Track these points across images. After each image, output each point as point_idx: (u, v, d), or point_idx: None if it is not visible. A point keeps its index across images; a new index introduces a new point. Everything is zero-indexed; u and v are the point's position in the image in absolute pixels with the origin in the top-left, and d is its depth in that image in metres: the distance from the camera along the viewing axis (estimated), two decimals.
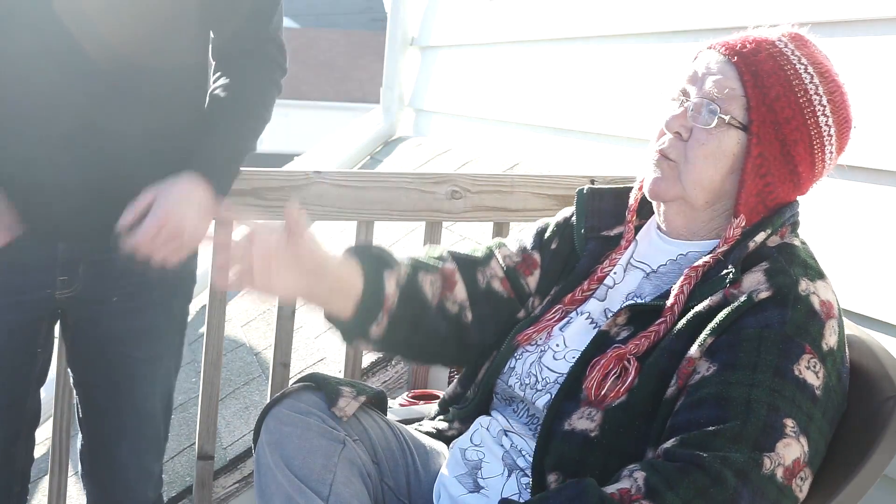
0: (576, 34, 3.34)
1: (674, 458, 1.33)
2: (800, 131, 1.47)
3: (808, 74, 1.48)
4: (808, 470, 1.36)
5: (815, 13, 2.14)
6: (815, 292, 1.42)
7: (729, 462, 1.30)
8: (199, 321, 4.05)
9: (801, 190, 1.52)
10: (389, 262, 1.64)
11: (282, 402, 1.62)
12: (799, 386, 1.35)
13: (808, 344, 1.37)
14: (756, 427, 1.32)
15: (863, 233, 1.96)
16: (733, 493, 1.29)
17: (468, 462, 1.59)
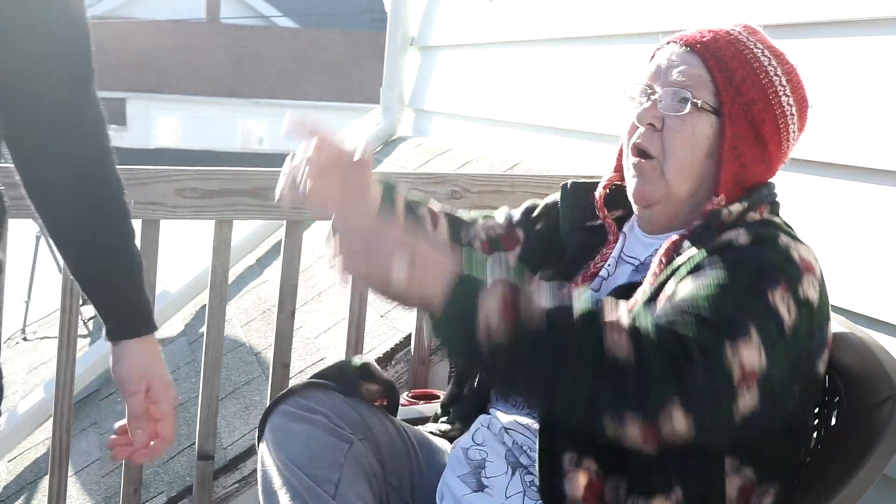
0: (576, 34, 3.34)
1: (658, 320, 1.34)
2: (767, 111, 1.50)
3: (765, 57, 1.52)
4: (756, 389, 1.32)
5: (815, 13, 2.14)
6: (795, 248, 1.43)
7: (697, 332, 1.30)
8: (199, 321, 4.05)
9: (771, 170, 1.55)
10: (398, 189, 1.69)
11: (287, 399, 1.62)
12: (769, 310, 1.35)
13: (784, 280, 1.37)
14: (725, 320, 1.32)
15: (862, 232, 1.96)
16: (688, 357, 1.28)
17: (471, 461, 1.58)
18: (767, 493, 1.45)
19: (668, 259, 1.48)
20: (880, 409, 1.46)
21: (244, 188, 2.18)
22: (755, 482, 1.43)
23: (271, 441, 1.57)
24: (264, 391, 2.80)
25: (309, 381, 1.65)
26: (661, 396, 1.27)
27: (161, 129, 22.81)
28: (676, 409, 1.27)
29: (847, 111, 2.01)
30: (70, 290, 2.16)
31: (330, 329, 3.19)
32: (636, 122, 1.55)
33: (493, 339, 1.28)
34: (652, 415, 1.27)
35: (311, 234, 4.24)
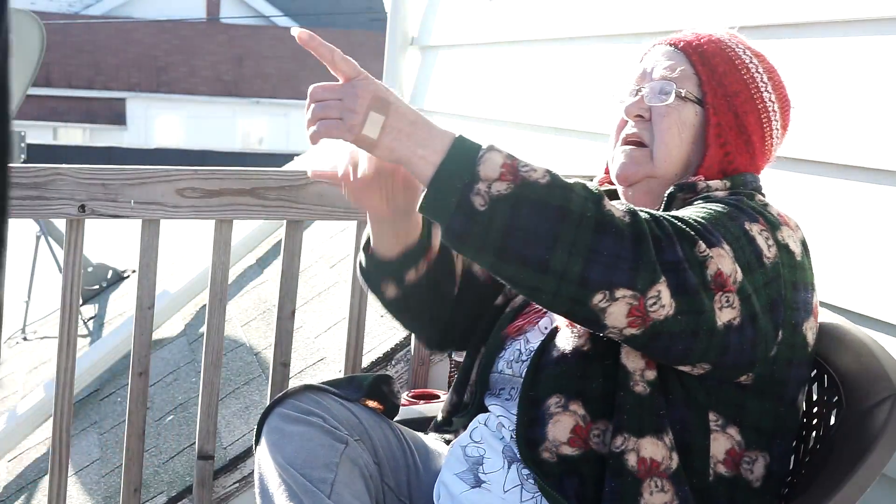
0: (576, 34, 3.35)
1: None
2: (748, 104, 1.57)
3: (746, 55, 1.60)
4: (737, 299, 1.36)
5: (815, 12, 2.14)
6: (772, 205, 1.49)
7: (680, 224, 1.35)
8: (199, 321, 4.05)
9: (756, 164, 1.60)
10: None
11: (283, 402, 1.63)
12: (746, 235, 1.41)
13: (762, 218, 1.44)
14: (698, 228, 1.37)
15: (862, 232, 1.96)
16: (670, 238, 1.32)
17: (469, 458, 1.59)
18: (757, 462, 1.45)
19: None
20: (879, 408, 1.46)
21: (244, 188, 2.18)
22: (743, 446, 1.45)
23: (267, 443, 1.59)
24: (264, 391, 2.80)
25: (305, 385, 1.67)
26: (653, 269, 1.30)
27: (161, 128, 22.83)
28: (663, 287, 1.30)
29: (847, 111, 2.01)
30: (70, 289, 2.16)
31: (330, 329, 3.19)
32: (624, 115, 1.61)
33: (493, 191, 1.27)
34: (642, 288, 1.29)
35: (311, 234, 4.24)
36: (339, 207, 2.23)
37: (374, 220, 1.62)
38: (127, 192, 2.14)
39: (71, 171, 2.12)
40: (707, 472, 1.43)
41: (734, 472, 1.43)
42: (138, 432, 2.25)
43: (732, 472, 1.43)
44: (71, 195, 2.12)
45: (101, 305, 5.18)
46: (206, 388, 2.25)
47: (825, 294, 1.99)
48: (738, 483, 1.44)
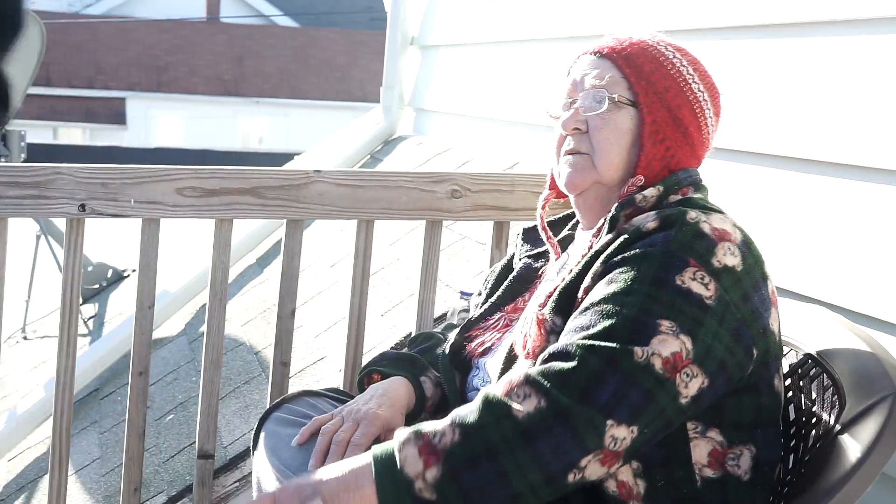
0: (576, 34, 3.34)
1: (550, 356, 1.39)
2: (680, 97, 1.60)
3: (668, 51, 1.63)
4: (698, 368, 1.37)
5: (815, 13, 2.14)
6: (706, 221, 1.46)
7: (596, 350, 1.35)
8: (199, 320, 4.05)
9: (696, 155, 1.63)
10: (423, 366, 1.76)
11: (280, 407, 1.66)
12: (680, 293, 1.39)
13: (692, 259, 1.41)
14: (625, 326, 1.37)
15: (862, 232, 1.96)
16: (595, 375, 1.33)
17: None
18: (742, 455, 1.45)
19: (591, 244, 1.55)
20: (879, 408, 1.46)
21: (244, 188, 2.18)
22: (726, 445, 1.44)
23: (265, 447, 1.60)
24: (264, 390, 2.81)
25: (300, 391, 1.71)
26: (593, 425, 1.31)
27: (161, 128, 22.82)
28: (614, 429, 1.32)
29: (846, 111, 2.01)
30: (70, 288, 2.16)
31: (330, 328, 3.19)
32: (562, 131, 1.64)
33: (430, 480, 1.31)
34: (595, 445, 1.31)
35: (311, 234, 4.24)
36: (339, 207, 2.24)
37: None
38: (127, 191, 2.14)
39: (71, 171, 2.12)
40: (693, 479, 1.43)
41: (721, 472, 1.43)
42: (138, 432, 2.25)
43: (719, 472, 1.43)
44: (71, 194, 2.12)
45: (101, 305, 5.18)
46: (206, 388, 2.25)
47: (826, 294, 1.99)
48: (727, 482, 1.43)
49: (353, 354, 2.30)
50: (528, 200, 2.30)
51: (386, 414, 1.63)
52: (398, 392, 1.69)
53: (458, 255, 3.18)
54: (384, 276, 3.34)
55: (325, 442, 1.57)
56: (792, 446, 1.59)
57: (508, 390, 1.35)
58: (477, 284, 1.91)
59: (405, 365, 1.76)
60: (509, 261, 1.84)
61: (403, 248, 3.51)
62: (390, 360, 1.78)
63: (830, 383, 1.56)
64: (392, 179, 2.27)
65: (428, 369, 1.76)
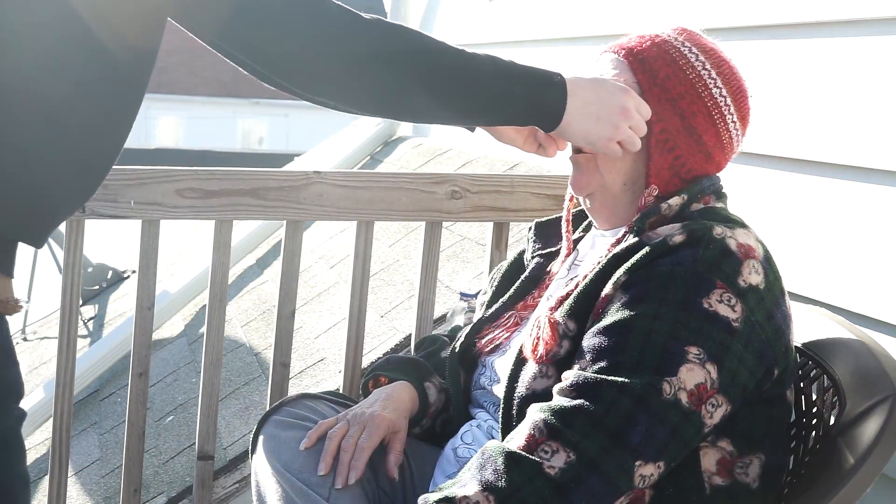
0: (576, 34, 3.35)
1: (575, 393, 1.37)
2: (695, 104, 1.56)
3: (692, 54, 1.59)
4: (722, 397, 1.38)
5: (815, 13, 2.14)
6: (731, 236, 1.45)
7: (627, 389, 1.35)
8: (199, 322, 4.05)
9: (714, 161, 1.59)
10: (428, 371, 1.76)
11: (279, 410, 1.67)
12: (708, 317, 1.38)
13: (719, 280, 1.40)
14: (653, 355, 1.36)
15: (862, 232, 1.96)
16: (627, 417, 1.33)
17: (460, 460, 1.60)
18: (751, 464, 1.45)
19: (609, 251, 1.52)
20: (879, 408, 1.46)
21: (244, 188, 2.18)
22: (735, 454, 1.45)
23: (264, 450, 1.60)
24: (264, 391, 2.80)
25: (299, 394, 1.72)
26: (623, 469, 1.32)
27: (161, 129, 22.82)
28: (642, 468, 1.33)
29: (846, 111, 2.01)
30: (70, 289, 2.16)
31: (330, 329, 3.19)
32: None
33: None
34: (628, 487, 1.33)
35: (311, 234, 4.24)
36: (339, 208, 2.24)
37: None
38: (127, 192, 2.14)
39: None
40: (702, 486, 1.43)
41: (730, 480, 1.43)
42: (138, 433, 2.25)
43: (728, 480, 1.43)
44: None
45: (101, 306, 5.18)
46: (206, 389, 2.25)
47: (826, 294, 1.99)
48: (735, 490, 1.43)
49: (353, 355, 2.30)
50: (527, 202, 2.30)
51: (391, 416, 1.63)
52: (402, 396, 1.69)
53: (458, 256, 3.18)
54: (384, 277, 3.34)
55: (333, 446, 1.57)
56: (792, 447, 1.59)
57: (532, 445, 1.35)
58: (477, 285, 1.91)
59: (409, 370, 1.76)
60: (519, 257, 1.83)
61: (403, 248, 3.51)
62: (395, 365, 1.78)
63: (830, 384, 1.56)
64: (392, 180, 2.27)
65: (432, 374, 1.76)
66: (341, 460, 1.56)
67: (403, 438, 1.65)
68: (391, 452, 1.63)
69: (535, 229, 1.81)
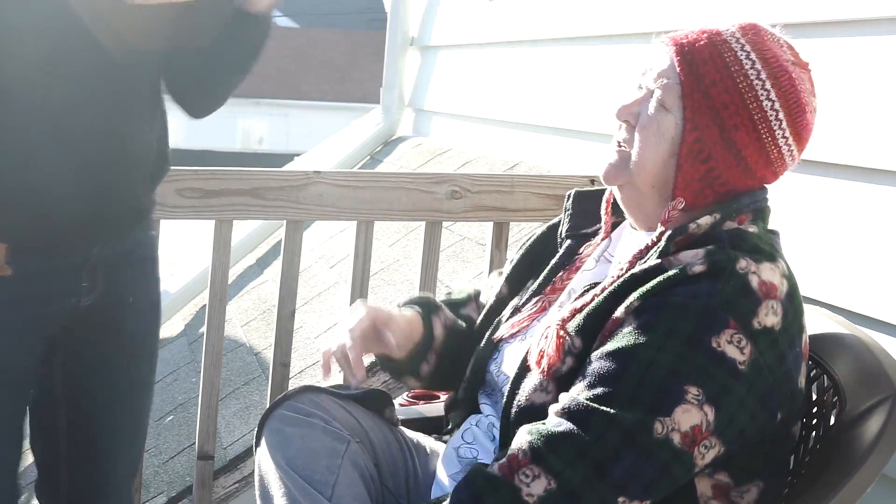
0: (576, 34, 3.35)
1: (566, 417, 1.35)
2: (739, 115, 1.46)
3: (748, 60, 1.47)
4: (716, 439, 1.35)
5: (815, 13, 2.14)
6: (755, 272, 1.39)
7: (616, 423, 1.32)
8: (199, 321, 4.05)
9: (756, 177, 1.50)
10: (436, 307, 1.75)
11: (283, 404, 1.64)
12: (713, 357, 1.34)
13: (733, 319, 1.35)
14: (651, 390, 1.33)
15: (862, 232, 1.96)
16: (612, 451, 1.31)
17: (462, 460, 1.59)
18: (749, 491, 1.44)
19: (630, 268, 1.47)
20: (879, 408, 1.46)
21: (244, 188, 2.18)
22: (732, 484, 1.43)
23: (268, 445, 1.59)
24: (264, 391, 2.80)
25: (304, 386, 1.68)
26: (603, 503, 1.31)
27: None
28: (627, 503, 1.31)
29: (847, 111, 2.01)
30: None
31: (330, 329, 3.19)
32: (616, 118, 1.56)
33: None
34: None
35: (311, 234, 4.24)
36: (339, 208, 2.24)
37: None
38: None
39: None
40: None
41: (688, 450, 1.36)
42: None
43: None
44: None
45: None
46: (206, 389, 2.25)
47: (826, 294, 1.99)
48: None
49: None
50: (528, 201, 2.30)
51: (372, 306, 1.63)
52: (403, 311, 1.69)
53: (458, 255, 3.18)
54: (384, 277, 3.34)
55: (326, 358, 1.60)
56: (792, 448, 1.59)
57: (514, 467, 1.33)
58: (477, 285, 1.89)
59: (416, 301, 1.74)
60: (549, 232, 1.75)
61: (403, 248, 3.51)
62: (407, 301, 1.76)
63: (831, 384, 1.56)
64: (392, 180, 2.27)
65: (441, 309, 1.73)
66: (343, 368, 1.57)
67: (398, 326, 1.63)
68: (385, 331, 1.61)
69: (574, 200, 1.71)
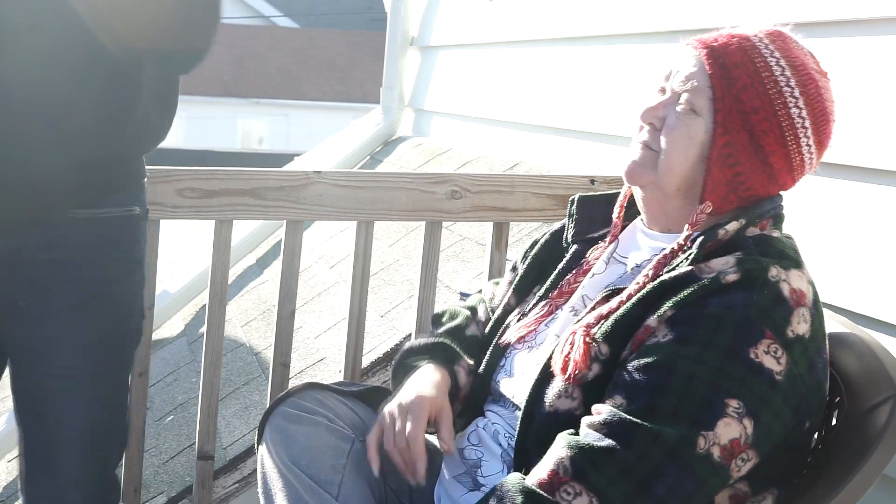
0: (576, 34, 3.34)
1: (606, 431, 1.34)
2: (769, 121, 1.47)
3: (778, 67, 1.49)
4: (753, 452, 1.36)
5: (815, 13, 2.14)
6: (785, 280, 1.41)
7: (660, 439, 1.31)
8: (199, 321, 4.05)
9: (778, 183, 1.52)
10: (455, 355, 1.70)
11: (286, 401, 1.63)
12: (752, 369, 1.35)
13: (769, 329, 1.36)
14: (693, 404, 1.33)
15: (863, 232, 1.96)
16: (655, 468, 1.31)
17: (467, 461, 1.59)
18: (765, 499, 1.45)
19: (657, 273, 1.47)
20: (880, 408, 1.46)
21: (244, 188, 2.18)
22: (749, 493, 1.43)
23: (271, 442, 1.58)
24: (264, 391, 2.80)
25: (307, 383, 1.67)
26: None
27: None
28: None
29: (847, 111, 2.00)
30: None
31: (330, 329, 3.19)
32: (640, 119, 1.55)
33: None
34: None
35: (311, 234, 4.24)
36: (339, 208, 2.23)
37: None
38: None
39: None
40: None
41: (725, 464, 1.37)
42: (138, 433, 2.25)
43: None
44: None
45: None
46: (206, 389, 2.25)
47: (827, 295, 1.99)
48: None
49: (353, 355, 2.29)
50: (528, 201, 2.30)
51: (430, 394, 1.57)
52: (434, 376, 1.63)
53: (458, 255, 3.18)
54: (384, 277, 3.34)
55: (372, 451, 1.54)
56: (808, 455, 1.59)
57: (554, 484, 1.32)
58: (477, 285, 1.89)
59: (437, 353, 1.70)
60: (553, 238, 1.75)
61: (403, 248, 3.51)
62: (421, 350, 1.71)
63: (832, 384, 1.56)
64: (392, 180, 2.27)
65: (461, 358, 1.70)
66: (397, 464, 1.53)
67: (450, 415, 1.59)
68: (441, 430, 1.56)
69: (578, 205, 1.71)
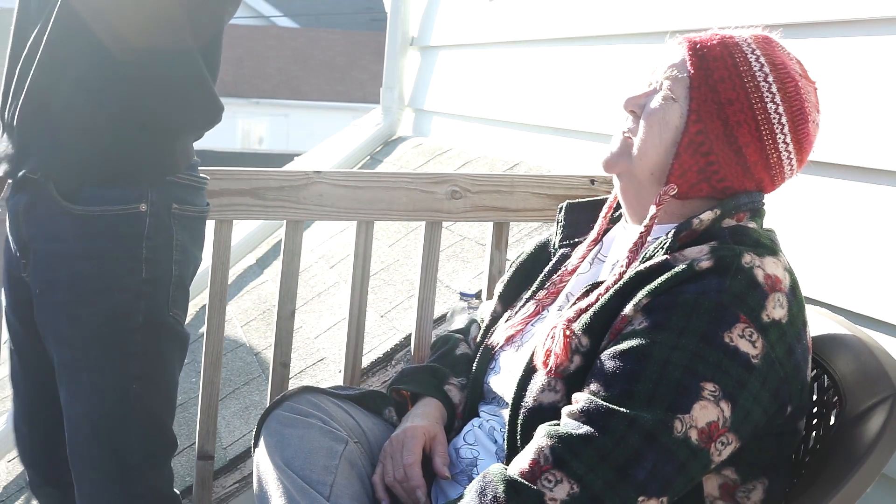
0: (576, 34, 3.35)
1: (584, 419, 1.36)
2: (744, 113, 1.49)
3: (758, 63, 1.52)
4: (733, 435, 1.37)
5: (816, 13, 2.14)
6: (759, 266, 1.42)
7: (637, 424, 1.33)
8: (199, 321, 4.05)
9: (754, 178, 1.53)
10: (445, 375, 1.76)
11: (281, 404, 1.65)
12: (727, 353, 1.36)
13: (743, 314, 1.38)
14: (669, 388, 1.34)
15: (862, 232, 1.96)
16: (634, 453, 1.32)
17: (462, 460, 1.60)
18: (755, 489, 1.45)
19: (631, 260, 1.49)
20: (879, 408, 1.46)
21: (244, 188, 2.18)
22: (738, 481, 1.44)
23: (266, 445, 1.60)
24: (264, 391, 2.80)
25: (303, 387, 1.70)
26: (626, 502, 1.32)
27: None
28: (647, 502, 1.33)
29: (847, 111, 2.01)
30: None
31: (330, 329, 3.19)
32: (623, 108, 1.59)
33: None
34: None
35: (311, 234, 4.24)
36: (339, 208, 2.24)
37: None
38: None
39: None
40: None
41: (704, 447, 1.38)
42: None
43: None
44: None
45: None
46: (206, 388, 2.25)
47: (826, 294, 1.99)
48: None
49: (353, 355, 2.30)
50: (528, 201, 2.30)
51: (422, 424, 1.65)
52: (426, 408, 1.70)
53: (458, 255, 3.18)
54: (384, 277, 3.34)
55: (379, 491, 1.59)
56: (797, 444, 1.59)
57: (535, 472, 1.34)
58: (477, 285, 1.90)
59: (425, 379, 1.76)
60: (538, 249, 1.79)
61: (403, 248, 3.51)
62: (410, 376, 1.78)
63: (831, 384, 1.56)
64: (392, 180, 2.27)
65: (450, 377, 1.76)
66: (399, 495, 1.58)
67: (444, 441, 1.65)
68: (436, 456, 1.62)
69: (567, 212, 1.76)
